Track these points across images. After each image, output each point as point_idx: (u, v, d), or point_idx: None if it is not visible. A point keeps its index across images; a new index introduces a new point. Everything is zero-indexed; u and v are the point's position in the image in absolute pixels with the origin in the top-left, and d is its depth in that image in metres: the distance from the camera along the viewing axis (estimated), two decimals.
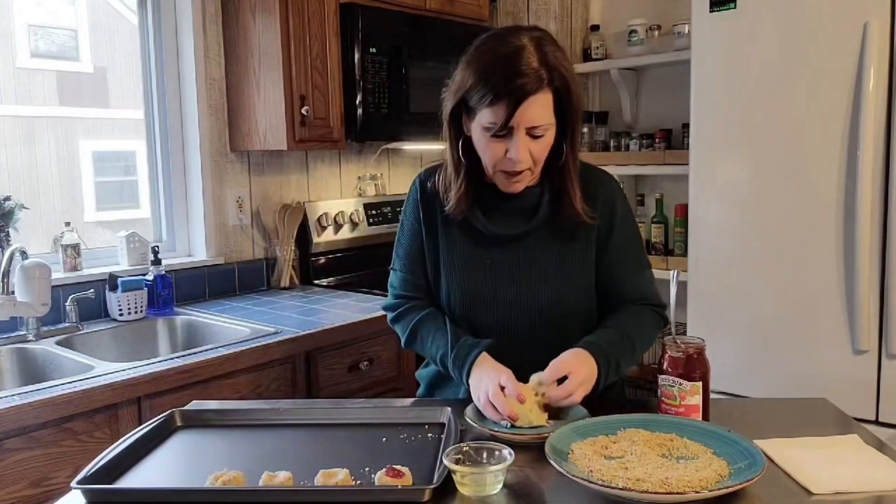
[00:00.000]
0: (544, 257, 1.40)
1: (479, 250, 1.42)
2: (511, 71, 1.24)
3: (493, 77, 1.25)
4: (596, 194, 1.41)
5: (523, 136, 1.28)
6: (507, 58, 1.26)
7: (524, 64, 1.25)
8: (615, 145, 3.12)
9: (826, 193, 2.04)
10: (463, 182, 1.39)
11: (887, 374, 1.99)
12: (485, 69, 1.27)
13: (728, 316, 2.24)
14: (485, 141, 1.31)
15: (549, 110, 1.29)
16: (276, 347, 2.05)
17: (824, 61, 2.01)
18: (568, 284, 1.40)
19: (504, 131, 1.28)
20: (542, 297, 1.39)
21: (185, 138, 2.66)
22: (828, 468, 1.06)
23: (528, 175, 1.34)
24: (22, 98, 6.45)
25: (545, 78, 1.25)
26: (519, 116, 1.25)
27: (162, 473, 1.12)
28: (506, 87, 1.24)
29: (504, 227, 1.40)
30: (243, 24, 2.55)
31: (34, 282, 2.05)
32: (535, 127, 1.28)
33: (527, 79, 1.24)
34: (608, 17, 3.29)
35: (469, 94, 1.29)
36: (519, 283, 1.40)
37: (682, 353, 1.23)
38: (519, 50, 1.26)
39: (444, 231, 1.45)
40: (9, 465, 1.56)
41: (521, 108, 1.24)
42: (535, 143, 1.30)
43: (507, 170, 1.32)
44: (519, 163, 1.29)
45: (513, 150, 1.28)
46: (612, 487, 0.96)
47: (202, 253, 2.67)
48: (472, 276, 1.41)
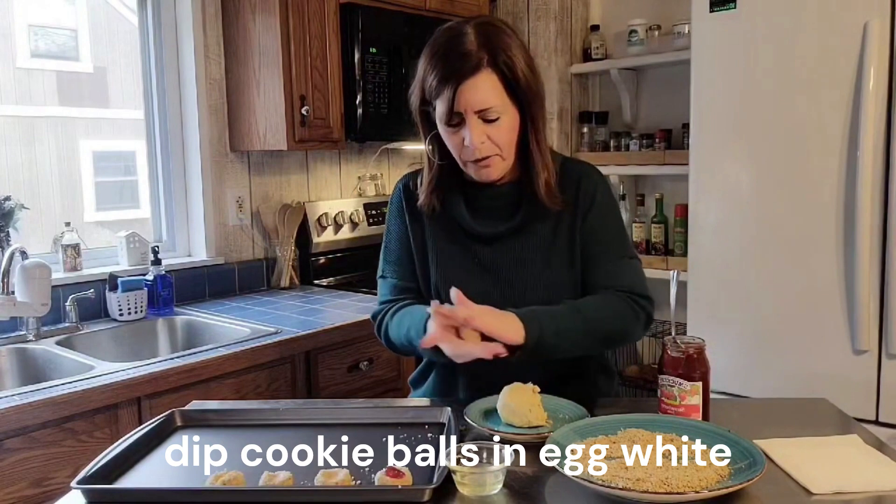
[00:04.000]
0: (531, 255, 1.38)
1: (466, 250, 1.41)
2: (450, 55, 1.25)
3: (436, 64, 1.26)
4: (577, 186, 1.39)
5: (475, 121, 1.27)
6: (448, 43, 1.27)
7: (462, 47, 1.25)
8: (615, 145, 3.12)
9: (826, 193, 2.04)
10: (433, 178, 1.39)
11: (887, 374, 1.99)
12: (431, 57, 1.28)
13: (728, 316, 2.24)
14: (445, 133, 1.31)
15: (498, 92, 1.27)
16: (276, 347, 2.05)
17: (824, 61, 2.01)
18: (555, 283, 1.38)
19: (456, 119, 1.27)
20: (531, 296, 1.37)
21: (185, 138, 2.66)
22: (828, 468, 1.06)
23: (497, 161, 1.32)
24: (22, 98, 6.45)
25: (485, 59, 1.25)
26: (462, 100, 1.25)
27: (162, 473, 1.12)
28: (446, 71, 1.25)
29: (488, 225, 1.39)
30: (243, 23, 2.55)
31: (34, 282, 2.05)
32: (485, 110, 1.26)
33: (465, 60, 1.24)
34: (608, 17, 3.29)
35: (423, 87, 1.30)
36: (507, 282, 1.38)
37: (682, 353, 1.23)
38: (459, 35, 1.27)
39: (432, 232, 1.44)
40: (9, 465, 1.57)
41: (462, 90, 1.24)
42: (492, 127, 1.28)
43: (470, 159, 1.31)
44: (476, 150, 1.28)
45: (467, 137, 1.28)
46: (612, 487, 0.96)
47: (202, 253, 2.67)
48: (461, 277, 1.39)
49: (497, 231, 1.39)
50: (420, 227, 1.45)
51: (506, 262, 1.39)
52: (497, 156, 1.31)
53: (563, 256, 1.39)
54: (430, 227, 1.44)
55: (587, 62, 3.22)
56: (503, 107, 1.28)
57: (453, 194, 1.41)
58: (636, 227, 3.03)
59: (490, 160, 1.31)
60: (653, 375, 2.57)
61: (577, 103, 3.30)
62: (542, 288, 1.37)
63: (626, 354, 3.23)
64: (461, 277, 1.39)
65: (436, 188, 1.39)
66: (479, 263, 1.40)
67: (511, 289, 1.38)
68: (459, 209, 1.40)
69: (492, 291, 1.38)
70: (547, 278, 1.38)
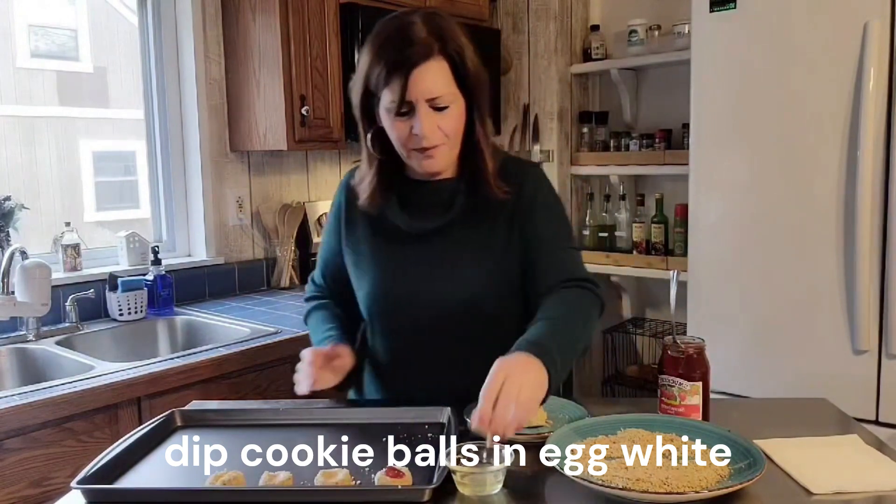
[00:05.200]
0: (463, 252, 1.36)
1: (398, 247, 1.39)
2: (400, 44, 1.23)
3: (384, 53, 1.24)
4: (519, 183, 1.36)
5: (426, 109, 1.25)
6: (396, 32, 1.25)
7: (412, 35, 1.24)
8: (615, 145, 3.12)
9: (826, 193, 2.04)
10: (375, 175, 1.37)
11: (887, 374, 1.99)
12: (377, 48, 1.26)
13: (728, 316, 2.24)
14: (390, 123, 1.28)
15: (448, 80, 1.26)
16: (275, 347, 2.05)
17: (824, 61, 2.01)
18: (488, 280, 1.35)
19: (405, 108, 1.25)
20: (461, 293, 1.34)
21: (185, 138, 2.66)
22: (828, 468, 1.06)
23: (444, 151, 1.30)
24: (22, 98, 6.46)
25: (435, 46, 1.24)
26: (413, 88, 1.23)
27: (162, 473, 1.12)
28: (396, 59, 1.23)
29: (421, 221, 1.37)
30: (243, 24, 2.55)
31: (34, 282, 2.05)
32: (435, 98, 1.25)
33: (415, 48, 1.23)
34: (608, 17, 3.29)
35: (368, 77, 1.28)
36: (437, 279, 1.36)
37: (682, 353, 1.23)
38: (408, 24, 1.25)
39: (365, 230, 1.42)
40: (9, 465, 1.57)
41: (413, 78, 1.22)
42: (441, 116, 1.27)
43: (416, 147, 1.29)
44: (426, 138, 1.26)
45: (416, 126, 1.26)
46: (612, 487, 0.96)
47: (202, 253, 2.67)
48: (392, 274, 1.38)
49: (429, 228, 1.36)
50: (354, 225, 1.44)
51: (437, 260, 1.36)
52: (444, 145, 1.29)
53: (496, 253, 1.35)
54: (364, 225, 1.42)
55: (587, 62, 3.22)
56: (453, 95, 1.27)
57: (389, 192, 1.39)
58: (636, 227, 3.03)
59: (437, 150, 1.29)
60: (653, 375, 2.57)
61: (577, 103, 3.30)
62: (474, 285, 1.34)
63: (626, 354, 3.23)
64: (391, 275, 1.38)
65: (377, 186, 1.37)
66: (412, 261, 1.37)
67: (443, 285, 1.35)
68: (392, 206, 1.38)
69: (425, 289, 1.36)
70: (479, 275, 1.35)
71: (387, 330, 1.43)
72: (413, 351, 1.41)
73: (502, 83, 3.26)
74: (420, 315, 1.36)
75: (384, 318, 1.42)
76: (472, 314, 1.34)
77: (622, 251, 3.09)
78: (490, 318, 1.36)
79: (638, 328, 3.24)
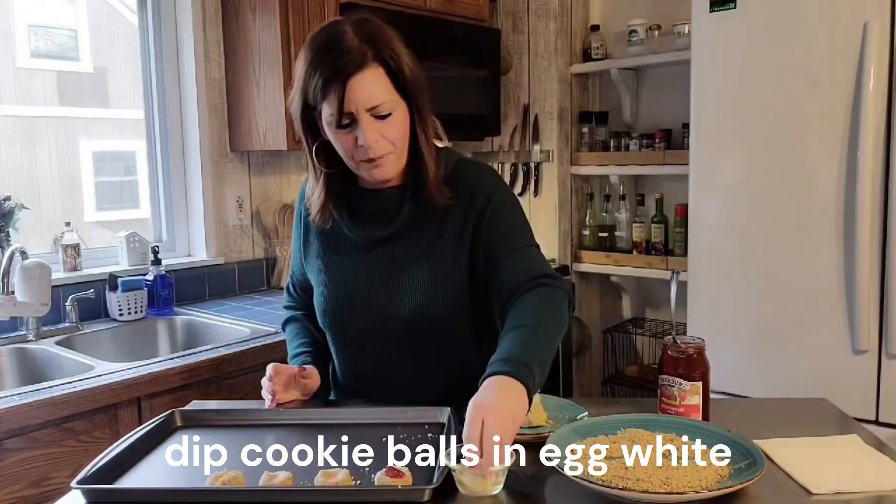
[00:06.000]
0: (412, 261, 1.33)
1: (348, 257, 1.37)
2: (333, 55, 1.20)
3: (318, 66, 1.21)
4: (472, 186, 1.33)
5: (368, 119, 1.22)
6: (328, 42, 1.22)
7: (344, 44, 1.20)
8: (615, 145, 3.12)
9: (826, 193, 2.04)
10: (323, 189, 1.34)
11: (887, 374, 1.99)
12: (311, 61, 1.23)
13: (728, 316, 2.24)
14: (333, 135, 1.26)
15: (386, 86, 1.23)
16: (275, 347, 2.05)
17: (824, 61, 2.01)
18: (438, 288, 1.32)
19: (346, 119, 1.22)
20: (410, 301, 1.32)
21: (185, 138, 2.66)
22: (828, 468, 1.06)
23: (391, 159, 1.28)
24: (22, 98, 6.45)
25: (369, 53, 1.21)
26: (352, 98, 1.20)
27: (162, 473, 1.12)
28: (331, 70, 1.19)
29: (370, 230, 1.35)
30: (243, 23, 2.55)
31: (34, 282, 2.05)
32: (375, 107, 1.22)
33: (349, 57, 1.19)
34: (608, 17, 3.29)
35: (305, 91, 1.24)
36: (386, 289, 1.33)
37: (682, 353, 1.23)
38: (339, 34, 1.22)
39: (319, 240, 1.41)
40: (9, 465, 1.57)
41: (350, 88, 1.19)
42: (384, 124, 1.24)
43: (364, 158, 1.26)
44: (371, 148, 1.23)
45: (361, 137, 1.23)
46: (612, 487, 0.96)
47: (202, 253, 2.67)
48: (342, 284, 1.37)
49: (378, 237, 1.35)
50: (308, 234, 1.44)
51: (387, 268, 1.34)
52: (391, 153, 1.27)
53: (447, 258, 1.33)
54: (317, 235, 1.42)
55: (587, 62, 3.22)
56: (393, 102, 1.24)
57: (340, 204, 1.37)
58: (636, 227, 3.03)
59: (384, 158, 1.26)
60: (653, 375, 2.57)
61: (577, 103, 3.30)
62: (425, 291, 1.32)
63: (626, 354, 3.23)
64: (342, 285, 1.37)
65: (326, 201, 1.35)
66: (363, 271, 1.36)
67: (394, 294, 1.33)
68: (342, 216, 1.36)
69: (375, 299, 1.34)
70: (430, 281, 1.32)
71: (340, 341, 1.43)
72: (367, 361, 1.40)
73: (502, 83, 3.26)
74: (370, 325, 1.35)
75: (336, 329, 1.41)
76: (422, 322, 1.32)
77: (622, 251, 3.09)
78: (441, 325, 1.33)
79: (638, 328, 3.24)
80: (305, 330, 1.51)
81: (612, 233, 3.15)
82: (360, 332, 1.37)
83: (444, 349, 1.35)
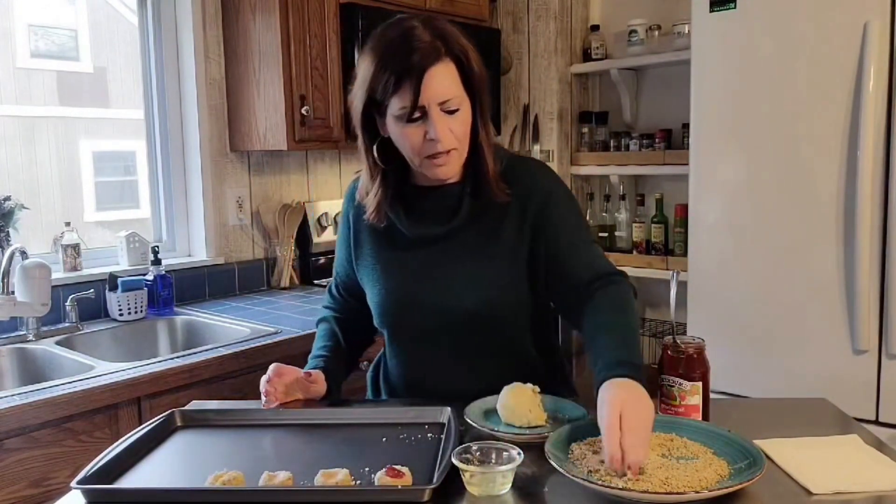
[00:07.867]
0: (470, 257, 1.34)
1: (404, 254, 1.38)
2: (406, 49, 1.21)
3: (390, 61, 1.22)
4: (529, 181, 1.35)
5: (438, 113, 1.23)
6: (400, 38, 1.23)
7: (417, 39, 1.22)
8: (615, 145, 3.12)
9: (826, 193, 2.04)
10: (380, 188, 1.34)
11: (887, 374, 1.99)
12: (381, 56, 1.24)
13: (728, 316, 2.24)
14: (401, 130, 1.26)
15: (456, 81, 1.25)
16: (275, 347, 2.05)
17: (824, 61, 2.01)
18: (496, 285, 1.33)
19: (417, 113, 1.23)
20: (469, 298, 1.32)
21: (185, 138, 2.66)
22: (828, 468, 1.06)
23: (455, 156, 1.29)
24: (22, 98, 6.46)
25: (441, 48, 1.23)
26: (426, 92, 1.21)
27: (162, 473, 1.12)
28: (405, 65, 1.21)
29: (427, 227, 1.35)
30: (243, 23, 2.55)
31: (34, 282, 2.05)
32: (447, 101, 1.23)
33: (423, 52, 1.21)
34: (608, 17, 3.29)
35: (373, 86, 1.25)
36: (444, 285, 1.34)
37: (682, 353, 1.23)
38: (410, 29, 1.24)
39: (371, 238, 1.42)
40: (9, 465, 1.57)
41: (425, 82, 1.21)
42: (453, 119, 1.25)
43: (430, 154, 1.26)
44: (441, 142, 1.24)
45: (432, 130, 1.23)
46: (611, 487, 0.96)
47: (202, 253, 2.67)
48: (398, 282, 1.37)
49: (436, 234, 1.35)
50: (360, 233, 1.44)
51: (445, 265, 1.35)
52: (455, 150, 1.28)
53: (506, 254, 1.34)
54: (369, 232, 1.42)
55: (587, 62, 3.22)
56: (461, 98, 1.26)
57: (396, 203, 1.37)
58: (636, 227, 3.03)
59: (449, 155, 1.27)
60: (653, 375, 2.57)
61: (577, 103, 3.30)
62: (484, 287, 1.33)
63: None
64: (398, 282, 1.37)
65: (383, 199, 1.35)
66: (419, 268, 1.36)
67: (449, 290, 1.34)
68: (398, 213, 1.36)
69: (432, 296, 1.35)
70: (488, 277, 1.33)
71: (398, 338, 1.43)
72: (425, 357, 1.41)
73: (502, 83, 3.26)
74: (428, 321, 1.36)
75: (394, 326, 1.42)
76: (480, 318, 1.34)
77: (622, 251, 3.09)
78: (499, 320, 1.35)
79: None
80: (331, 333, 1.50)
81: (613, 233, 3.16)
82: (418, 328, 1.38)
83: (501, 344, 1.36)
